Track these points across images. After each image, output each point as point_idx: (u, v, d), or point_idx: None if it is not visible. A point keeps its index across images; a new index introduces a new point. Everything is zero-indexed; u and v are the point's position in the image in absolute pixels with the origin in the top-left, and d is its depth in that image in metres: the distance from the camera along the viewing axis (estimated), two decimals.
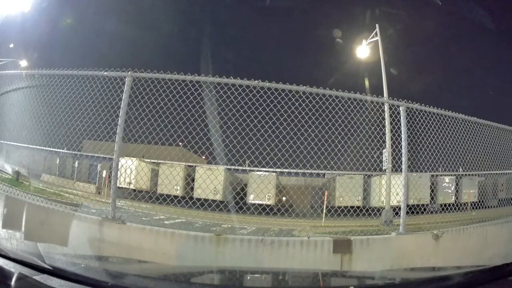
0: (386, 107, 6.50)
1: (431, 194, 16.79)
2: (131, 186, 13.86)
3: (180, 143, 5.25)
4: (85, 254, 3.30)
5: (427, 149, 5.61)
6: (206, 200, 9.43)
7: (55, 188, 9.79)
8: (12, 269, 1.75)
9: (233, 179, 17.80)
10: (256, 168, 15.83)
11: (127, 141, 4.62)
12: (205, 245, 3.73)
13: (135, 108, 4.55)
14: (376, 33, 13.12)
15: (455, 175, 16.43)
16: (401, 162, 4.78)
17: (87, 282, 1.68)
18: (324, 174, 17.98)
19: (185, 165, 16.44)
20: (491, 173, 6.91)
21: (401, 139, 4.74)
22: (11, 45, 13.75)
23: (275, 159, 4.79)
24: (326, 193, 14.78)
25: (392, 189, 8.28)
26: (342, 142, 4.97)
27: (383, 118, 6.30)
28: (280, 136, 4.84)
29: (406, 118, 4.78)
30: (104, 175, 15.53)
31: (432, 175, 16.82)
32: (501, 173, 7.83)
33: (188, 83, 4.38)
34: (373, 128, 5.68)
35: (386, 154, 7.89)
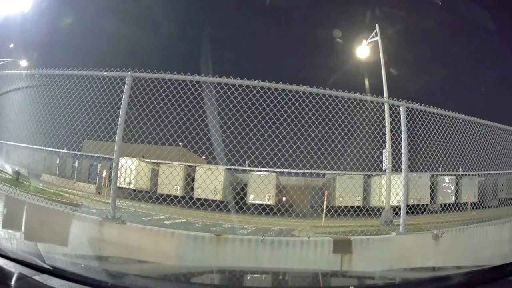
0: (386, 107, 6.50)
1: (431, 194, 16.79)
2: (131, 186, 13.92)
3: (180, 143, 5.25)
4: (85, 254, 3.30)
5: (427, 149, 5.61)
6: (206, 200, 9.45)
7: (55, 188, 9.79)
8: (12, 269, 1.74)
9: (233, 179, 17.80)
10: (256, 168, 15.84)
11: (127, 141, 4.61)
12: (205, 245, 3.73)
13: (135, 108, 4.55)
14: (376, 33, 13.12)
15: (455, 175, 16.42)
16: (401, 162, 4.78)
17: (87, 282, 1.68)
18: (324, 174, 18.00)
19: (185, 165, 16.44)
20: (491, 173, 6.90)
21: (401, 139, 4.74)
22: (11, 45, 13.77)
23: (275, 159, 4.79)
24: (326, 193, 14.79)
25: (392, 189, 8.29)
26: (342, 142, 4.97)
27: (383, 118, 6.30)
28: (280, 136, 4.84)
29: (406, 118, 4.78)
30: (104, 175, 15.53)
31: (432, 175, 16.81)
32: (501, 173, 7.84)
33: (188, 83, 4.37)
34: (373, 128, 5.68)
35: (386, 154, 7.89)
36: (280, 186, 16.95)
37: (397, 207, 5.53)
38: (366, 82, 13.91)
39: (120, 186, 5.26)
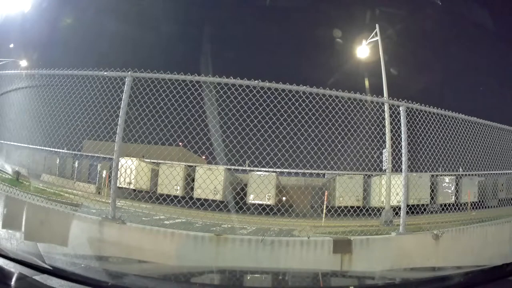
0: (386, 107, 6.50)
1: (431, 194, 16.78)
2: (131, 186, 13.89)
3: (180, 143, 5.25)
4: (85, 254, 3.30)
5: (427, 149, 5.61)
6: (206, 200, 9.43)
7: (55, 188, 9.78)
8: (12, 269, 1.74)
9: (233, 179, 17.80)
10: (256, 168, 15.84)
11: (127, 141, 4.61)
12: (205, 245, 3.73)
13: (135, 108, 4.55)
14: (376, 33, 13.13)
15: (455, 175, 16.41)
16: (401, 162, 4.78)
17: (87, 282, 1.68)
18: (324, 174, 18.00)
19: (185, 165, 16.43)
20: (491, 173, 6.90)
21: (401, 139, 4.74)
22: (11, 45, 13.77)
23: (275, 159, 4.79)
24: (326, 193, 14.78)
25: (392, 189, 8.28)
26: (342, 142, 4.97)
27: (383, 118, 6.30)
28: (280, 136, 4.84)
29: (406, 118, 4.78)
30: (104, 175, 15.53)
31: (432, 175, 16.81)
32: (501, 173, 7.83)
33: (188, 83, 4.37)
34: (373, 128, 5.68)
35: (386, 154, 7.89)
36: (280, 186, 16.93)
37: (397, 207, 5.53)
38: (366, 82, 13.94)
39: (120, 186, 5.26)
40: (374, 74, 13.36)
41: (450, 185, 17.20)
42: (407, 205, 4.66)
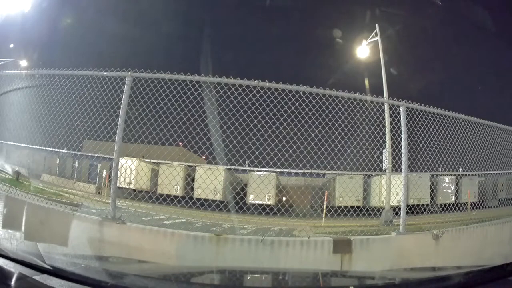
0: (386, 107, 6.49)
1: (431, 194, 16.78)
2: (131, 186, 13.90)
3: (180, 143, 5.25)
4: (85, 254, 3.30)
5: (427, 149, 5.61)
6: (206, 200, 9.43)
7: (55, 188, 9.78)
8: (12, 269, 1.75)
9: (233, 179, 17.79)
10: (256, 168, 15.84)
11: (127, 141, 4.61)
12: (205, 245, 3.73)
13: (135, 108, 4.55)
14: (376, 33, 13.13)
15: (455, 175, 16.42)
16: (401, 162, 4.78)
17: (87, 282, 1.68)
18: (324, 174, 18.01)
19: (185, 165, 16.44)
20: (491, 173, 6.90)
21: (401, 139, 4.74)
22: (11, 45, 13.77)
23: (275, 159, 4.80)
24: (326, 193, 14.78)
25: (392, 189, 8.28)
26: (342, 142, 4.97)
27: (383, 118, 6.30)
28: (280, 136, 4.84)
29: (406, 118, 4.78)
30: (104, 175, 15.54)
31: (432, 175, 16.81)
32: (501, 173, 7.84)
33: (188, 83, 4.38)
34: (373, 128, 5.68)
35: (386, 154, 7.90)
36: (280, 186, 16.93)
37: (397, 207, 5.53)
38: (366, 82, 13.94)
39: (120, 186, 5.25)
40: (374, 74, 13.38)
41: (450, 185, 17.21)
42: (407, 205, 4.66)
